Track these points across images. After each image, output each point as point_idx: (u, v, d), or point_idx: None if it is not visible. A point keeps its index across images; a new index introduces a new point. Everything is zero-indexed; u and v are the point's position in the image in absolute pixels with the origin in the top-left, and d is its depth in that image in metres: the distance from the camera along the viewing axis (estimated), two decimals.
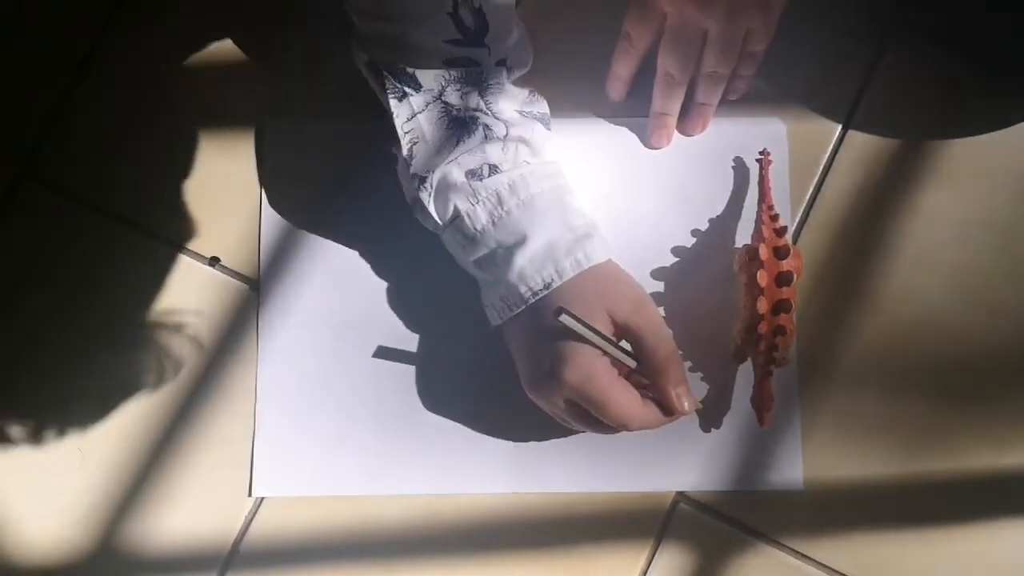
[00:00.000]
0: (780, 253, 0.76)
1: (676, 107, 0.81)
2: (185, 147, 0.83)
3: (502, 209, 0.72)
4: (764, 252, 0.76)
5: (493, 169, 0.73)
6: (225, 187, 0.83)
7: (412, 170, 0.74)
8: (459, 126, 0.73)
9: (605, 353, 0.71)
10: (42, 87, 0.84)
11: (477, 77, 0.74)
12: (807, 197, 0.83)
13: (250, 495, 0.79)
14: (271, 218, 0.82)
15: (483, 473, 0.78)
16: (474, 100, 0.74)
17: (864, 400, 0.80)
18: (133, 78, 0.84)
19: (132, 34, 0.85)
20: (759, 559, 0.78)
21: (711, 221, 0.82)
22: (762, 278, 0.75)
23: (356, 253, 0.82)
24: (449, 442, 0.79)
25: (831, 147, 0.83)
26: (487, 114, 0.74)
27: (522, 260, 0.72)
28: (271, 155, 0.83)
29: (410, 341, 0.81)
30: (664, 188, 0.82)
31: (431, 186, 0.74)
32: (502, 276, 0.72)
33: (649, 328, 0.72)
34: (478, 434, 0.79)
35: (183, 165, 0.83)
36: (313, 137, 0.83)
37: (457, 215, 0.73)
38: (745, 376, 0.79)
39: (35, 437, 0.78)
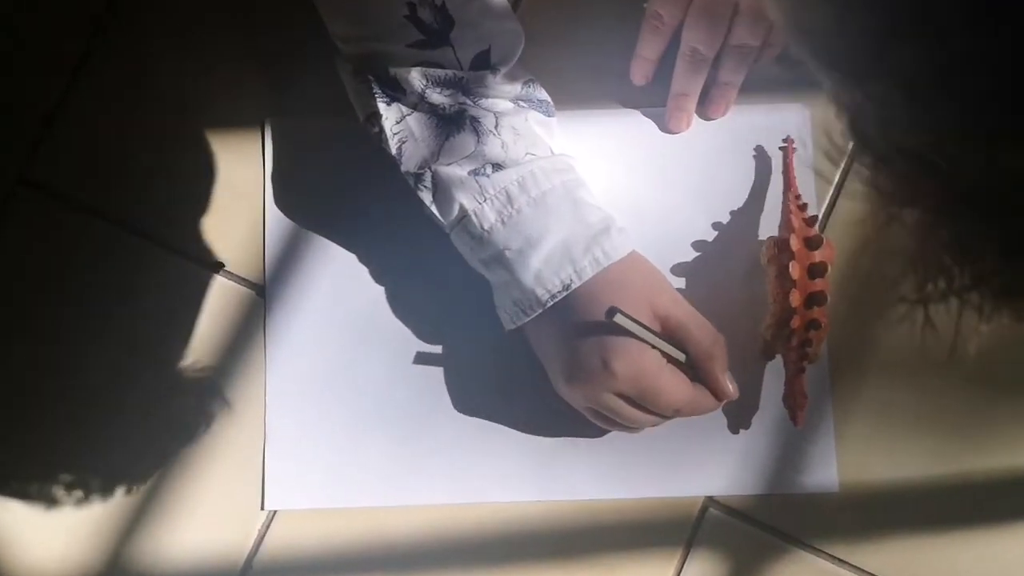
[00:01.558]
0: (812, 243, 0.73)
1: (698, 87, 0.78)
2: (185, 150, 0.80)
3: (512, 208, 0.69)
4: (795, 242, 0.72)
5: (497, 167, 0.70)
6: (228, 190, 0.79)
7: (404, 168, 0.71)
8: (447, 123, 0.71)
9: (653, 347, 0.68)
10: (36, 89, 0.80)
11: (455, 77, 0.70)
12: (833, 185, 0.79)
13: (262, 508, 0.75)
14: (276, 220, 0.78)
15: (505, 480, 0.75)
16: (459, 97, 0.71)
17: (900, 396, 0.76)
18: (131, 79, 0.81)
19: (129, 34, 0.81)
20: (794, 565, 0.75)
21: (733, 213, 0.79)
22: (794, 270, 0.72)
23: (366, 254, 0.78)
24: (468, 448, 0.76)
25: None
26: (474, 106, 0.71)
27: (537, 262, 0.69)
28: (275, 153, 0.79)
29: (423, 344, 0.77)
30: (682, 180, 0.79)
31: (429, 184, 0.71)
32: (516, 279, 0.69)
33: (692, 317, 0.70)
34: (499, 440, 0.76)
35: (183, 168, 0.79)
36: (318, 133, 0.80)
37: (464, 214, 0.70)
38: (773, 374, 0.76)
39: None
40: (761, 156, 0.79)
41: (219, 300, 0.78)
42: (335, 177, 0.79)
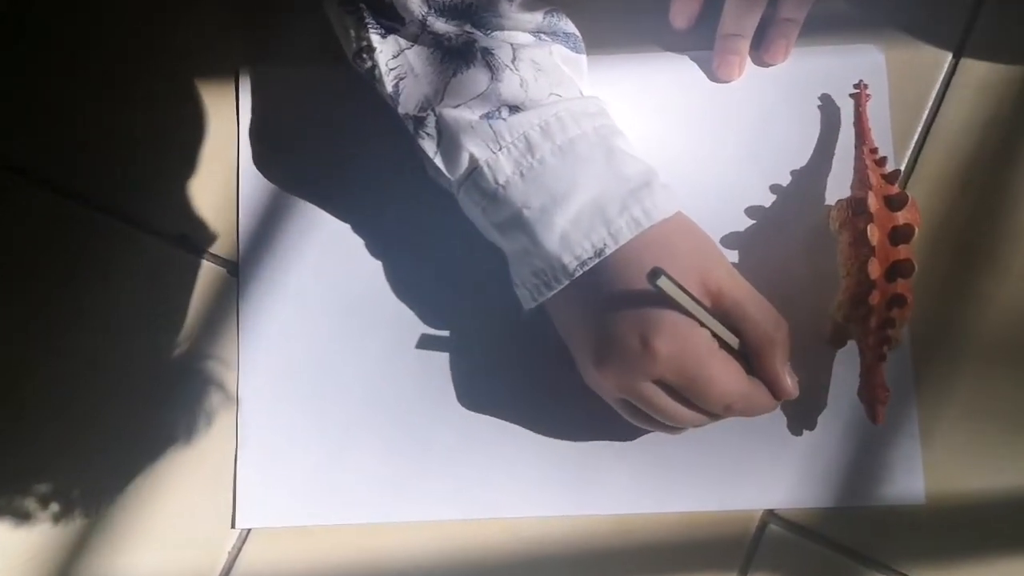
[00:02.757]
0: (893, 203, 0.60)
1: (752, 27, 0.66)
2: (145, 106, 0.68)
3: (533, 157, 0.57)
4: (874, 202, 0.60)
5: (514, 109, 0.57)
6: (196, 150, 0.67)
7: (401, 110, 0.59)
8: (454, 56, 0.58)
9: (702, 325, 0.56)
10: None
11: (463, 2, 0.59)
12: (914, 141, 0.67)
13: (233, 527, 0.63)
14: (252, 184, 0.66)
15: (521, 492, 0.63)
16: (466, 27, 0.59)
17: (998, 389, 0.63)
18: (81, 30, 0.69)
19: None
20: None
21: (794, 174, 0.66)
22: (873, 234, 0.59)
23: (359, 223, 0.66)
24: (478, 454, 0.63)
25: (941, 79, 0.67)
26: (486, 37, 0.58)
27: (563, 222, 0.56)
28: (252, 107, 0.67)
29: (427, 329, 0.64)
30: (734, 135, 0.67)
31: (432, 130, 0.58)
32: (537, 244, 0.57)
33: (750, 295, 0.58)
34: (515, 443, 0.64)
35: (141, 127, 0.68)
36: (303, 84, 0.68)
37: (474, 167, 0.58)
38: (844, 364, 0.63)
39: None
40: (828, 106, 0.67)
41: (183, 279, 0.65)
42: (323, 134, 0.67)
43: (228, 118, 0.67)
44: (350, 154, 0.66)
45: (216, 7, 0.69)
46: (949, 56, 0.68)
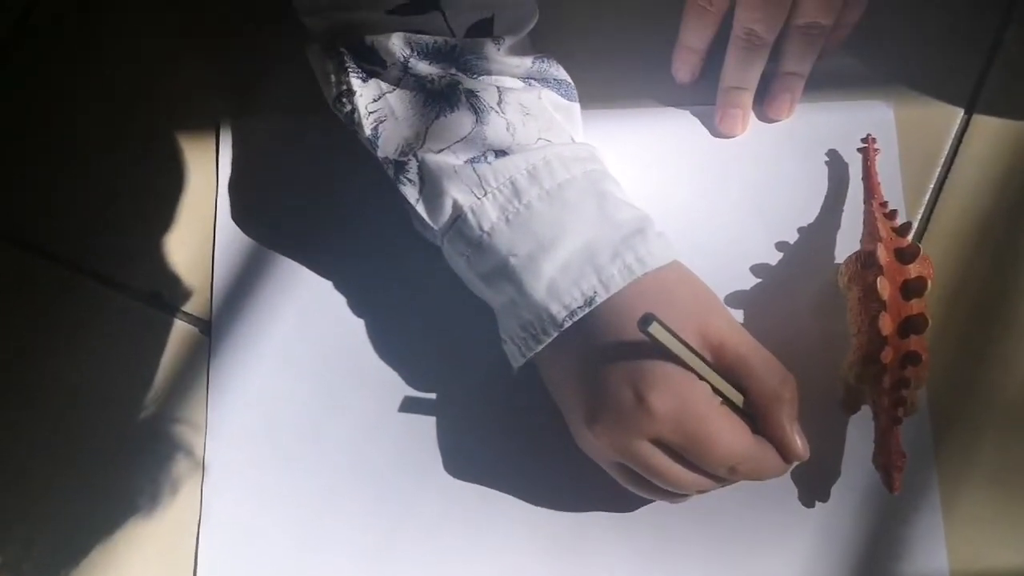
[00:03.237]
0: (905, 255, 0.56)
1: (755, 79, 0.63)
2: (120, 159, 0.65)
3: (519, 203, 0.53)
4: (884, 254, 0.56)
5: (501, 154, 0.54)
6: (173, 205, 0.64)
7: (381, 153, 0.56)
8: (437, 98, 0.56)
9: (701, 378, 0.51)
10: None
11: (447, 44, 0.56)
12: (926, 198, 0.63)
13: None
14: (229, 237, 0.63)
15: (513, 567, 0.58)
16: (451, 70, 0.56)
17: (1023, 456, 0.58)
18: (56, 79, 0.67)
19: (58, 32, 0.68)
20: None
21: (801, 231, 0.63)
22: (884, 288, 0.55)
23: (338, 280, 0.63)
24: (465, 525, 0.59)
25: (953, 135, 0.64)
26: (471, 79, 0.55)
27: (551, 269, 0.53)
28: (232, 160, 0.65)
29: (411, 391, 0.60)
30: (738, 192, 0.64)
31: (414, 175, 0.55)
32: (524, 294, 0.53)
33: (754, 349, 0.53)
34: (505, 514, 0.59)
35: (116, 180, 0.65)
36: (284, 135, 0.65)
37: (458, 214, 0.54)
38: (858, 431, 0.59)
39: None
40: (835, 162, 0.64)
41: (153, 339, 0.62)
42: (304, 188, 0.64)
43: (208, 172, 0.65)
44: (332, 208, 0.64)
45: (198, 61, 0.67)
46: (960, 112, 0.65)
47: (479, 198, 0.54)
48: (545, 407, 0.57)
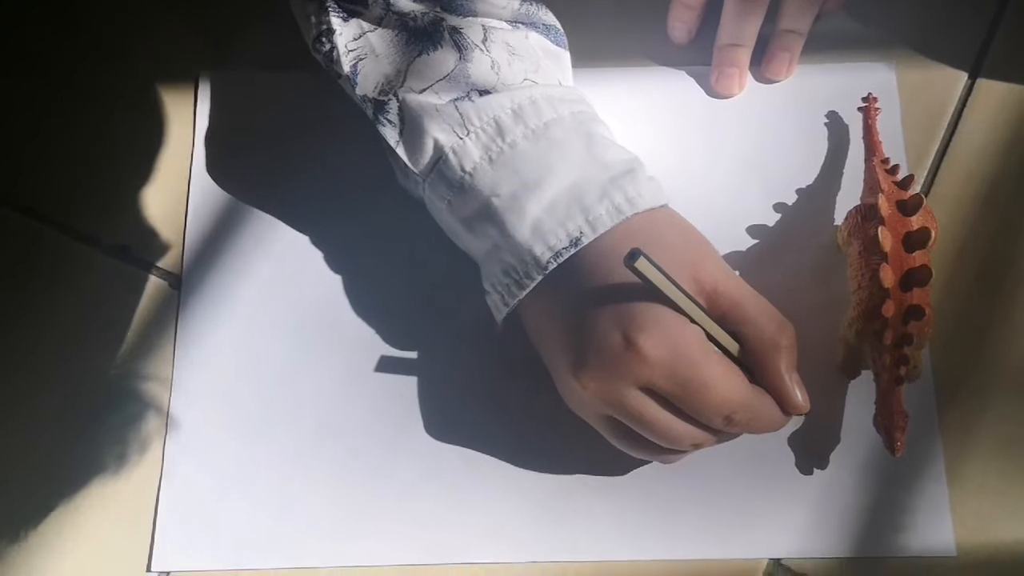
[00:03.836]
0: (907, 207, 0.54)
1: (752, 36, 0.61)
2: (94, 111, 0.63)
3: (503, 142, 0.51)
4: (885, 205, 0.54)
5: (484, 93, 0.52)
6: (148, 161, 0.62)
7: (359, 91, 0.54)
8: (420, 36, 0.53)
9: (693, 321, 0.49)
10: None
11: None
12: (930, 160, 0.61)
13: (149, 570, 0.54)
14: (204, 190, 0.61)
15: (494, 534, 0.55)
16: (435, 8, 0.54)
17: None
18: (35, 40, 0.65)
19: None
20: None
21: (800, 192, 0.60)
22: (885, 238, 0.53)
23: (315, 235, 0.60)
24: (446, 489, 0.55)
25: (957, 98, 0.62)
26: (455, 16, 0.53)
27: (536, 209, 0.50)
28: (210, 112, 0.62)
29: (390, 349, 0.58)
30: (735, 153, 0.61)
31: (395, 116, 0.53)
32: (507, 235, 0.51)
33: (750, 295, 0.51)
34: (487, 478, 0.56)
35: (89, 133, 0.63)
36: (263, 87, 0.64)
37: (440, 155, 0.52)
38: (859, 396, 0.56)
39: None
40: (835, 123, 0.62)
41: (119, 292, 0.59)
42: (282, 141, 0.62)
43: (185, 127, 0.63)
44: (309, 164, 0.61)
45: (179, 16, 0.65)
46: (964, 76, 0.63)
47: (461, 138, 0.52)
48: (529, 366, 0.55)
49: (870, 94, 0.61)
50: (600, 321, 0.49)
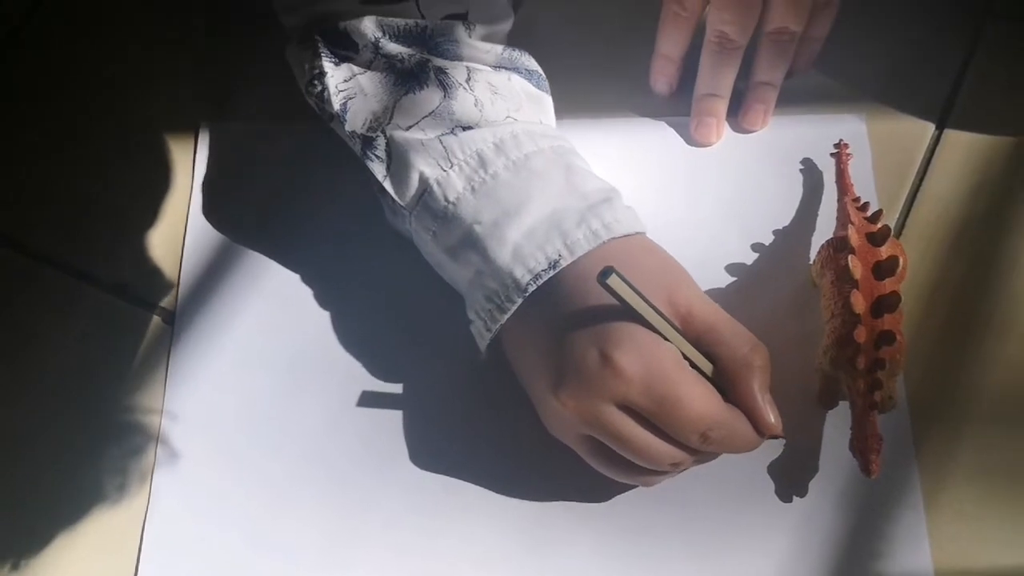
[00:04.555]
0: (876, 238, 0.56)
1: (729, 85, 0.64)
2: (98, 159, 0.66)
3: (485, 173, 0.54)
4: (855, 236, 0.56)
5: (468, 129, 0.55)
6: (147, 204, 0.64)
7: (348, 127, 0.56)
8: (407, 77, 0.56)
9: (667, 340, 0.50)
10: None
11: (418, 27, 0.57)
12: (900, 205, 0.63)
13: None
14: (199, 232, 0.63)
15: (479, 559, 0.55)
16: (421, 50, 0.57)
17: (1006, 453, 0.57)
18: (43, 87, 0.68)
19: (48, 31, 0.69)
20: None
21: (776, 233, 0.62)
22: (855, 266, 0.55)
23: (306, 274, 0.62)
24: (431, 516, 0.56)
25: (925, 148, 0.64)
26: (441, 58, 0.56)
27: (516, 235, 0.52)
28: (208, 159, 0.65)
29: (377, 383, 0.59)
30: (713, 196, 0.64)
31: (382, 152, 0.55)
32: (488, 261, 0.53)
33: (723, 318, 0.52)
34: (471, 504, 0.57)
35: (92, 179, 0.65)
36: (259, 138, 0.66)
37: (425, 187, 0.54)
38: (835, 426, 0.57)
39: None
40: (810, 169, 0.64)
41: (119, 331, 0.61)
42: (276, 188, 0.65)
43: (184, 173, 0.65)
44: (301, 208, 0.64)
45: (182, 65, 0.68)
46: (932, 127, 0.65)
47: (445, 170, 0.54)
48: (512, 396, 0.56)
49: (841, 140, 0.63)
50: (578, 340, 0.50)
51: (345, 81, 0.57)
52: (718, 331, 0.52)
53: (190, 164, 0.65)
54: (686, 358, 0.51)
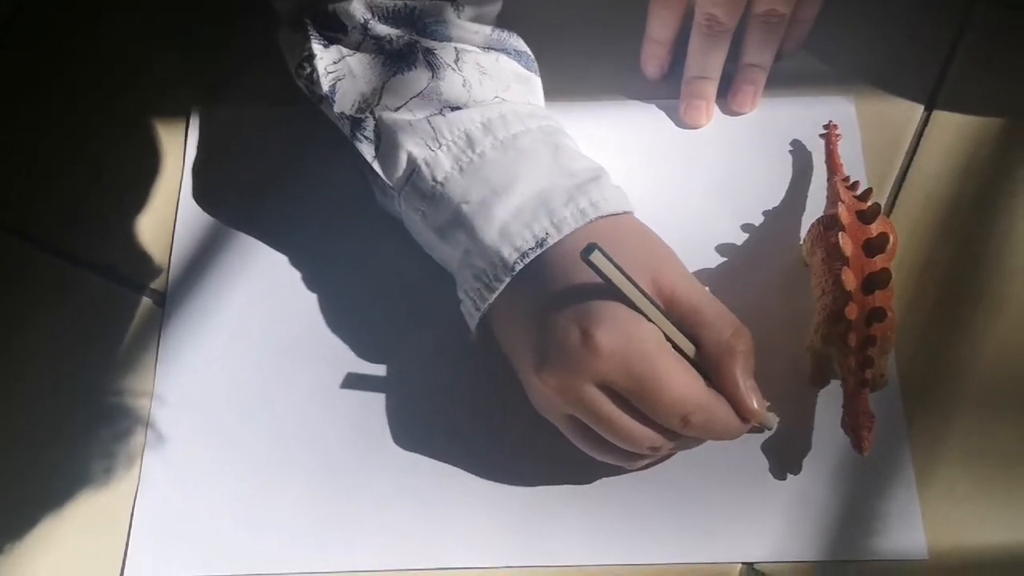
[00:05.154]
0: (866, 216, 0.56)
1: (718, 68, 0.64)
2: (90, 143, 0.66)
3: (473, 152, 0.53)
4: (845, 214, 0.56)
5: (456, 109, 0.55)
6: (138, 188, 0.64)
7: (337, 108, 0.56)
8: (395, 58, 0.56)
9: (649, 320, 0.50)
10: None
11: (406, 7, 0.57)
12: (890, 186, 0.63)
13: None
14: (190, 214, 0.63)
15: (466, 541, 0.55)
16: (410, 31, 0.57)
17: (997, 431, 0.57)
18: (33, 72, 0.68)
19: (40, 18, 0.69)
20: None
21: (767, 214, 0.62)
22: (846, 243, 0.54)
23: (295, 257, 0.62)
24: (420, 499, 0.56)
25: (914, 130, 0.65)
26: (430, 39, 0.56)
27: (504, 213, 0.52)
28: (199, 143, 0.65)
29: (364, 364, 0.59)
30: (703, 178, 0.64)
31: (371, 133, 0.55)
32: (476, 239, 0.53)
33: (708, 300, 0.52)
34: (460, 487, 0.56)
35: (85, 163, 0.65)
36: (252, 123, 0.66)
37: (413, 167, 0.54)
38: (828, 404, 0.57)
39: None
40: (799, 150, 0.64)
41: (109, 312, 0.61)
42: (267, 172, 0.65)
43: (176, 156, 0.65)
44: (291, 191, 0.64)
45: (174, 50, 0.68)
46: (921, 108, 0.66)
47: (433, 150, 0.54)
48: (501, 376, 0.56)
49: (831, 121, 0.63)
50: (561, 318, 0.50)
51: (334, 63, 0.57)
52: (702, 313, 0.51)
53: (181, 148, 0.65)
54: (669, 340, 0.51)
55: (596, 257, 0.48)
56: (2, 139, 0.66)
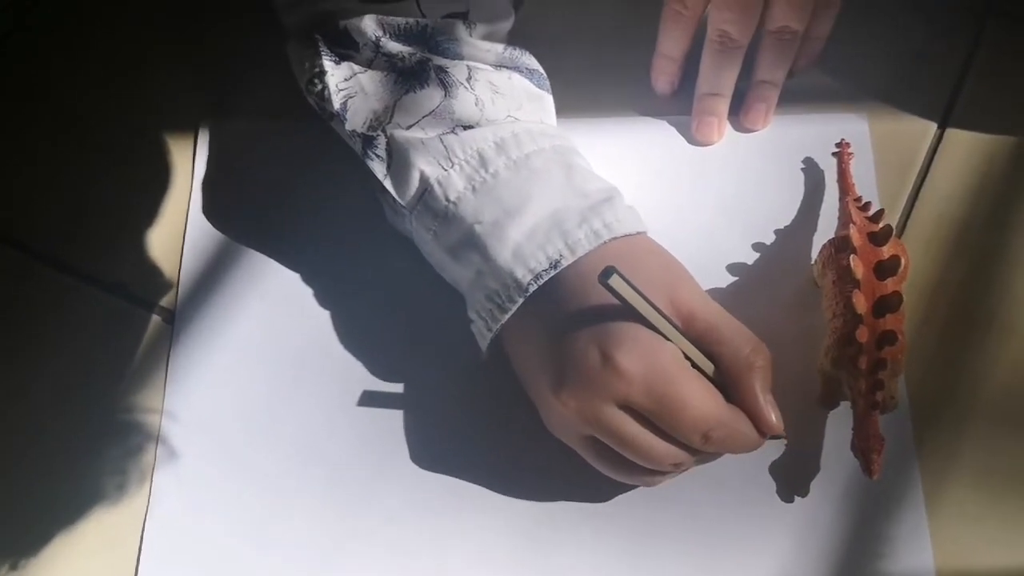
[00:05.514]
0: (878, 238, 0.56)
1: (730, 84, 0.63)
2: (98, 157, 0.66)
3: (486, 172, 0.53)
4: (857, 236, 0.56)
5: (469, 128, 0.55)
6: (146, 203, 0.64)
7: (349, 126, 0.56)
8: (407, 76, 0.56)
9: (668, 340, 0.50)
10: None
11: (419, 25, 0.56)
12: (902, 205, 0.63)
13: None
14: (199, 231, 0.63)
15: (480, 559, 0.55)
16: (422, 49, 0.57)
17: (1008, 453, 0.57)
18: (43, 85, 0.68)
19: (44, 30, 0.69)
20: None
21: (778, 233, 0.62)
22: (857, 266, 0.54)
23: (306, 274, 0.62)
24: (432, 516, 0.56)
25: (927, 148, 0.64)
26: (442, 57, 0.56)
27: (517, 234, 0.52)
28: (208, 159, 0.65)
29: (377, 382, 0.59)
30: (715, 196, 0.64)
31: (382, 151, 0.55)
32: (489, 260, 0.52)
33: (724, 318, 0.52)
34: (473, 505, 0.57)
35: (93, 178, 0.65)
36: (259, 137, 0.66)
37: (426, 186, 0.54)
38: (837, 426, 0.57)
39: None
40: (811, 168, 0.64)
41: (118, 329, 0.61)
42: (276, 187, 0.65)
43: (184, 171, 0.65)
44: (301, 206, 0.64)
45: (181, 64, 0.68)
46: (934, 127, 0.65)
47: (446, 169, 0.54)
48: (512, 396, 0.56)
49: (843, 139, 0.63)
50: (579, 340, 0.50)
51: (345, 80, 0.57)
52: (719, 331, 0.51)
53: (190, 163, 0.65)
54: (687, 358, 0.51)
55: (615, 281, 0.48)
56: (11, 154, 0.66)
